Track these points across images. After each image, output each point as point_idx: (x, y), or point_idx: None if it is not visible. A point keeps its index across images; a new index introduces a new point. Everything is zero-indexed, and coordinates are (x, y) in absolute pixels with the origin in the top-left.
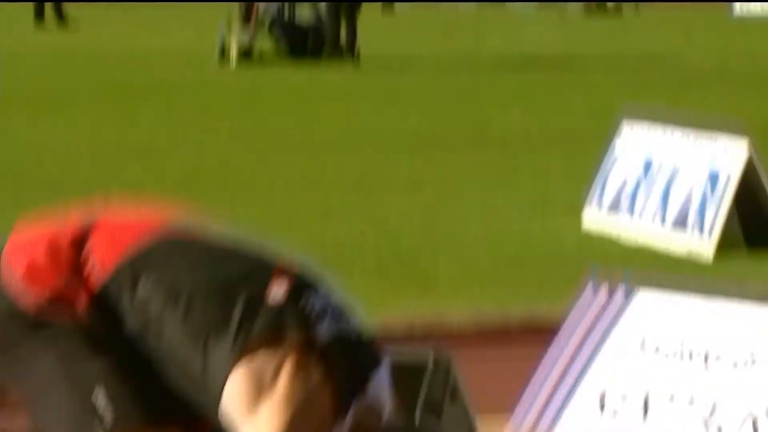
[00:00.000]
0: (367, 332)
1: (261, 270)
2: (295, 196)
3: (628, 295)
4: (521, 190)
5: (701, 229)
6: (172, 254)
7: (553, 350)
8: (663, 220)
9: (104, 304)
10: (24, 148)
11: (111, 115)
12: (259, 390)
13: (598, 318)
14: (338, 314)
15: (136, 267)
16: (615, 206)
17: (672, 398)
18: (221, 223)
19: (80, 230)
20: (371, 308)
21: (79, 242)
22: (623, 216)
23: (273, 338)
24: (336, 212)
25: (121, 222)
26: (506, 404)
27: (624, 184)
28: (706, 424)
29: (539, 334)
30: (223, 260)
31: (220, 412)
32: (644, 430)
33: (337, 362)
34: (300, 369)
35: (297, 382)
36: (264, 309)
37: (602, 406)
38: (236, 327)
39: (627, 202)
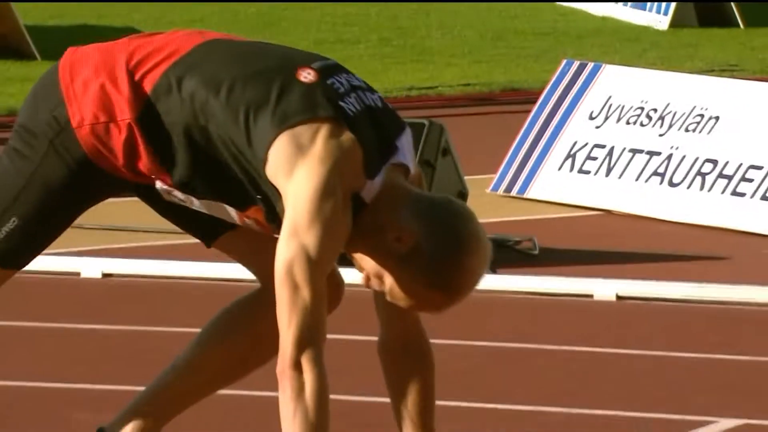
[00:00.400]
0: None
1: (291, 61)
2: None
3: (597, 69)
4: None
5: (659, 8)
6: (210, 54)
7: (531, 117)
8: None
9: (153, 110)
10: None
11: None
12: (298, 153)
13: (570, 88)
14: (363, 92)
15: (178, 70)
16: None
17: (633, 154)
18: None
19: (129, 46)
20: (375, 78)
21: (129, 55)
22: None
23: (307, 109)
24: None
25: (164, 38)
26: (489, 166)
27: None
28: (661, 175)
29: (519, 100)
30: (256, 55)
31: (265, 180)
32: (607, 185)
33: (365, 129)
34: (333, 135)
35: (331, 144)
36: (298, 85)
37: (572, 165)
38: (275, 102)
39: None
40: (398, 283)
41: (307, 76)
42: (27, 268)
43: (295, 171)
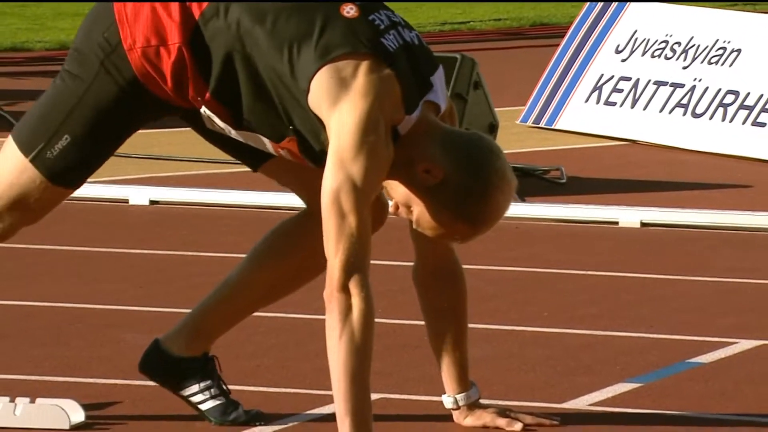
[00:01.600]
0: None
1: None
2: None
3: (623, 5)
4: None
5: None
6: None
7: (559, 51)
8: None
9: (201, 35)
10: None
11: None
12: (340, 86)
13: (597, 23)
14: (402, 28)
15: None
16: None
17: (657, 86)
18: None
19: None
20: (410, 14)
21: None
22: None
23: (349, 44)
24: None
25: None
26: (519, 98)
27: None
28: (684, 106)
29: (548, 34)
30: None
31: (307, 110)
32: (632, 116)
33: (403, 66)
34: (373, 70)
35: (372, 79)
36: (340, 20)
37: (599, 97)
38: (318, 35)
39: None
40: (425, 213)
41: (349, 11)
42: (78, 194)
43: (339, 104)
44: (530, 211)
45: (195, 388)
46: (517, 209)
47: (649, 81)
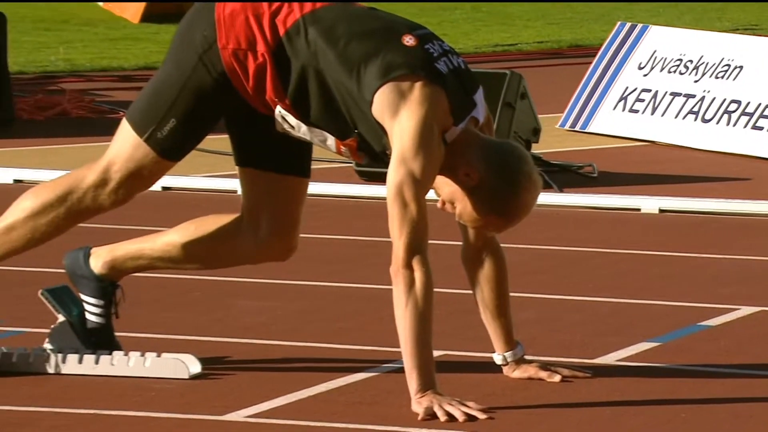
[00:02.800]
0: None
1: (397, 27)
2: None
3: (644, 29)
4: None
5: None
6: (331, 12)
7: (591, 68)
8: None
9: (283, 48)
10: None
11: None
12: (400, 98)
13: (623, 45)
14: (451, 55)
15: (307, 21)
16: None
17: (673, 96)
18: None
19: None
20: (468, 38)
21: (278, 6)
22: None
23: (408, 66)
24: None
25: (299, 2)
26: (558, 107)
27: None
28: (695, 113)
29: (582, 54)
30: (370, 18)
31: (370, 120)
32: (652, 121)
33: (453, 86)
34: (427, 87)
35: (426, 92)
36: (402, 47)
37: (624, 106)
38: (382, 57)
39: None
40: (466, 209)
41: (409, 41)
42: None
43: (399, 113)
44: (567, 200)
45: (92, 300)
46: (556, 198)
47: (666, 92)
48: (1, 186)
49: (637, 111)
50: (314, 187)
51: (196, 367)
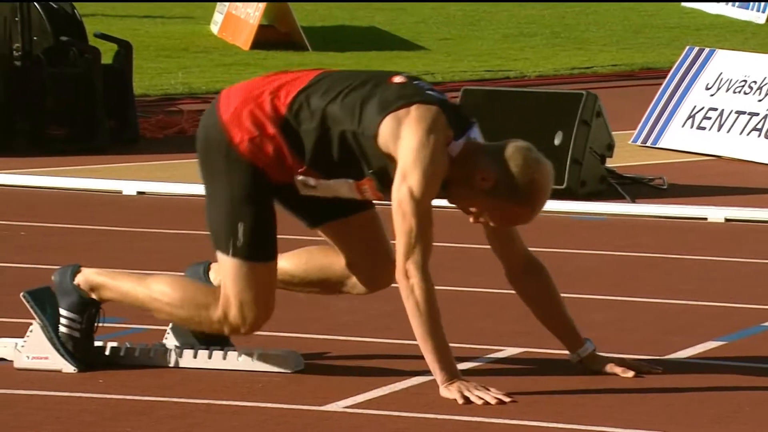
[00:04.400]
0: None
1: (384, 73)
2: None
3: (711, 53)
4: None
5: (758, 8)
6: (327, 79)
7: (662, 88)
8: (734, 2)
9: (290, 124)
10: None
11: None
12: (400, 124)
13: (691, 67)
14: (440, 93)
15: (304, 95)
16: None
17: (738, 115)
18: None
19: (268, 80)
20: (547, 61)
21: (269, 86)
22: (708, 2)
23: (403, 98)
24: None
25: (293, 73)
26: (631, 124)
27: None
28: (759, 130)
29: (653, 76)
30: (360, 73)
31: (376, 153)
32: (718, 137)
33: (446, 104)
34: (424, 108)
35: (422, 110)
36: (393, 85)
37: (693, 123)
38: (378, 96)
39: None
40: (494, 212)
41: (398, 79)
42: None
43: (401, 134)
44: (639, 210)
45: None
46: (629, 209)
47: (732, 111)
48: (126, 197)
49: (704, 128)
50: None
51: (298, 361)
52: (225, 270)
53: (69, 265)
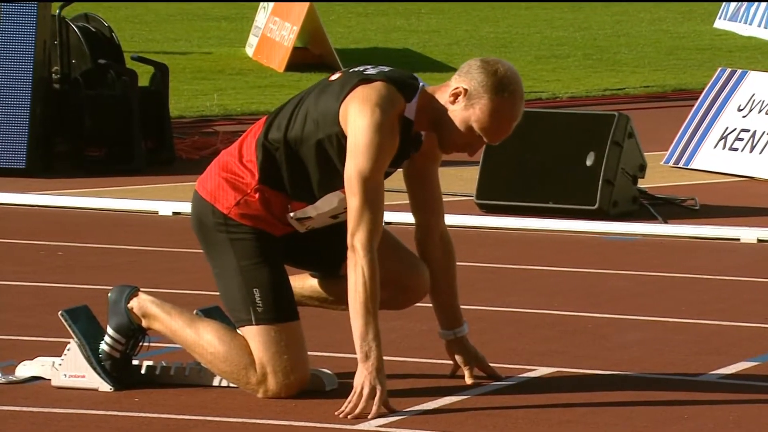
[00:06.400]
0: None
1: (324, 78)
2: (525, 10)
3: (743, 75)
4: (674, 5)
5: None
6: (273, 117)
7: (694, 110)
8: (766, 25)
9: (265, 171)
10: None
11: None
12: (348, 107)
13: (723, 89)
14: (380, 66)
15: (264, 139)
16: (735, 16)
17: None
18: None
19: (230, 147)
20: (579, 83)
21: (233, 150)
22: (740, 23)
23: (348, 84)
24: (557, 22)
25: (249, 129)
26: (663, 145)
27: (742, 2)
28: None
29: (685, 97)
30: (297, 94)
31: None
32: (751, 159)
33: (388, 73)
34: (366, 84)
35: (367, 88)
36: (333, 82)
37: (725, 144)
38: (325, 97)
39: (743, 13)
40: (481, 121)
41: (337, 75)
42: None
43: (350, 114)
44: (671, 230)
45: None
46: (661, 229)
47: (764, 132)
48: (163, 217)
49: (736, 149)
50: None
51: (332, 381)
52: (253, 340)
53: (128, 285)
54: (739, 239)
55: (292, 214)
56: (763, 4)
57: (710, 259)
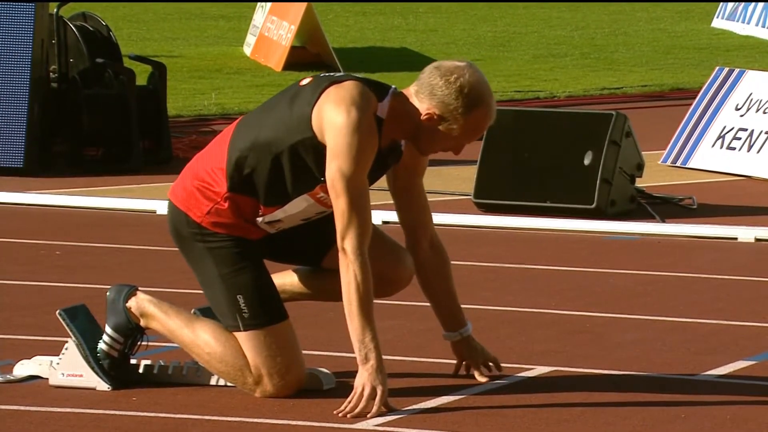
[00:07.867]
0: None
1: (295, 83)
2: (523, 9)
3: (741, 74)
4: (672, 5)
5: None
6: (244, 122)
7: (691, 109)
8: (763, 24)
9: (234, 178)
10: None
11: None
12: (322, 109)
13: (720, 88)
14: (350, 74)
15: (233, 147)
16: (732, 15)
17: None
18: None
19: (199, 156)
20: (577, 82)
21: (201, 160)
22: (738, 23)
23: (318, 88)
24: (555, 21)
25: (218, 135)
26: (660, 144)
27: (739, 2)
28: None
29: (683, 96)
30: (271, 99)
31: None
32: (748, 158)
33: (359, 77)
34: (341, 87)
35: (339, 89)
36: (304, 87)
37: (722, 143)
38: (297, 103)
39: (741, 12)
40: (460, 131)
41: (307, 80)
42: None
43: (324, 119)
44: (669, 230)
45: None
46: (658, 228)
47: (762, 131)
48: (160, 216)
49: (734, 148)
50: (436, 218)
51: (329, 380)
52: (245, 345)
53: (126, 284)
54: (736, 238)
55: (260, 219)
56: (761, 4)
57: (708, 258)
